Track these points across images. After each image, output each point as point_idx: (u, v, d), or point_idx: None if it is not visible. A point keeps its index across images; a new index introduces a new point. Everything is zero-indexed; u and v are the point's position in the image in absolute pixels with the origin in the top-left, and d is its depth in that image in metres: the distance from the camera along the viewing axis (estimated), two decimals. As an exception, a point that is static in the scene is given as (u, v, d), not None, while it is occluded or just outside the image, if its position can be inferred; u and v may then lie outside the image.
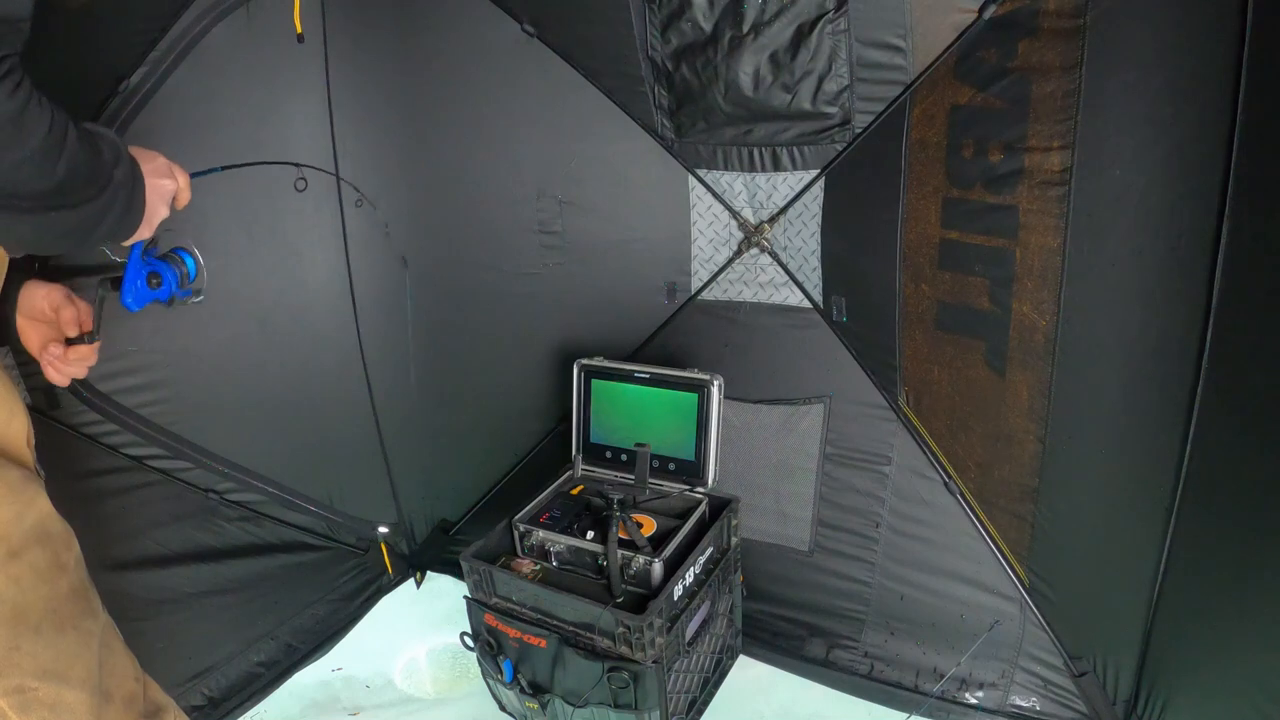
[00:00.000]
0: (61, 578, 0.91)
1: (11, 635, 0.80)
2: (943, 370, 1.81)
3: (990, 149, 1.57)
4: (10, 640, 0.80)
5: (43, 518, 0.92)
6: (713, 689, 1.87)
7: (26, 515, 0.88)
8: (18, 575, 0.84)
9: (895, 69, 1.67)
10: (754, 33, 1.74)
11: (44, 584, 0.88)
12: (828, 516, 2.03)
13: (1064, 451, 1.64)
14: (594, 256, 2.20)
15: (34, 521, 0.89)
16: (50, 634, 0.85)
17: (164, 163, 1.04)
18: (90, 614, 0.94)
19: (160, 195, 1.02)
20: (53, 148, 0.75)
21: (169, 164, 1.04)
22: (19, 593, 0.84)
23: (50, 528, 0.92)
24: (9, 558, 0.83)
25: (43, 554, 0.89)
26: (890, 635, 1.95)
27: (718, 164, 2.00)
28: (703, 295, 2.16)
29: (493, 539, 1.82)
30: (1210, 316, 1.29)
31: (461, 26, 2.05)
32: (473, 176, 2.20)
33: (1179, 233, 1.34)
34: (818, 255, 1.96)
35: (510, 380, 2.36)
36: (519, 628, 1.66)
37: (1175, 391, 1.38)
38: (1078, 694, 1.76)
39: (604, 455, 2.01)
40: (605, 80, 2.00)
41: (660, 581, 1.61)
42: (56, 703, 0.84)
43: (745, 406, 2.09)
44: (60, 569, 0.91)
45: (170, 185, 1.04)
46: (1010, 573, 1.82)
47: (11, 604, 0.82)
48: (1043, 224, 1.52)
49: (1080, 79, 1.40)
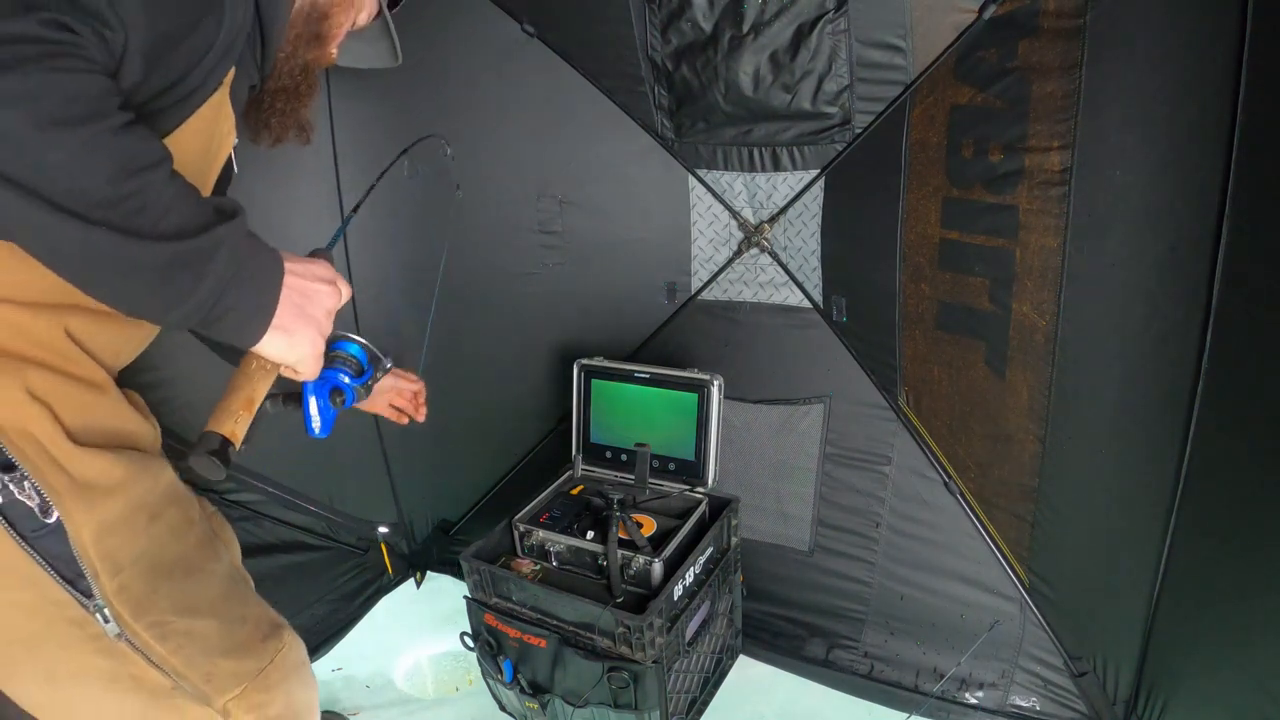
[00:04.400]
0: (190, 532, 1.08)
1: (151, 582, 0.98)
2: (943, 370, 1.81)
3: (990, 149, 1.57)
4: (149, 585, 0.98)
5: (172, 483, 1.07)
6: (713, 689, 1.87)
7: (159, 483, 1.03)
8: (158, 534, 1.01)
9: (895, 69, 1.67)
10: (754, 33, 1.74)
11: (177, 540, 1.04)
12: (828, 516, 2.03)
13: (1064, 451, 1.64)
14: (594, 256, 2.20)
15: (166, 487, 1.05)
16: (181, 578, 1.03)
17: (325, 269, 0.90)
18: (215, 558, 1.11)
19: (313, 303, 0.87)
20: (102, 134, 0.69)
21: (332, 270, 0.91)
22: (158, 549, 1.00)
23: (179, 491, 1.09)
24: (150, 520, 1.00)
25: (177, 513, 1.06)
26: (890, 635, 1.95)
27: (718, 164, 2.00)
28: (703, 295, 2.16)
29: (493, 539, 1.82)
30: (1210, 316, 1.29)
31: (461, 26, 2.05)
32: (472, 176, 2.20)
33: (1179, 233, 1.34)
34: (818, 255, 1.96)
35: (510, 380, 2.36)
36: (519, 628, 1.66)
37: (1175, 392, 1.38)
38: (1078, 694, 1.76)
39: (604, 455, 2.01)
40: (605, 80, 2.00)
41: (660, 581, 1.61)
42: (189, 631, 1.02)
43: (745, 406, 2.09)
44: (190, 524, 1.08)
45: (330, 293, 0.90)
46: (1010, 573, 1.82)
47: (150, 558, 0.99)
48: (1043, 224, 1.52)
49: (1080, 79, 1.40)
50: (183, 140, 0.91)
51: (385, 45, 1.29)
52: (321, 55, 1.14)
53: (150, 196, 0.72)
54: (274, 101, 1.10)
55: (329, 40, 1.14)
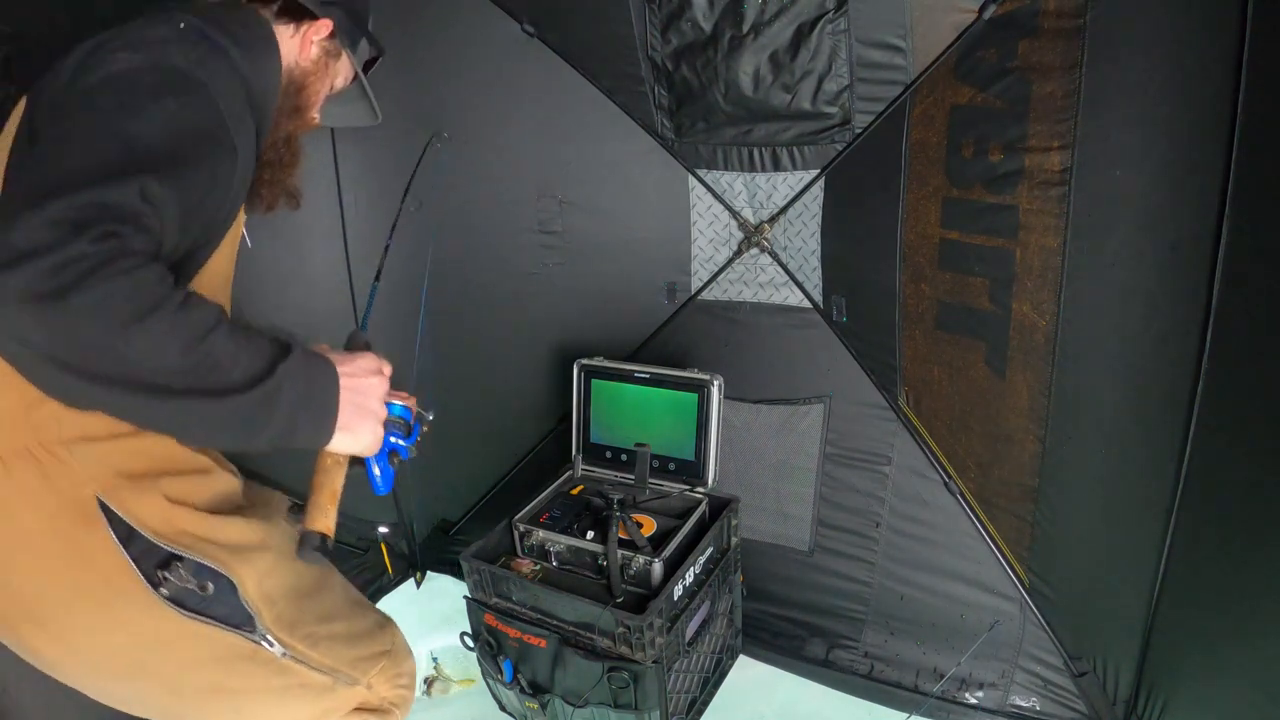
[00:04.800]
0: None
1: (297, 604, 1.19)
2: (943, 370, 1.81)
3: (990, 149, 1.57)
4: (297, 607, 1.19)
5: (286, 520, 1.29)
6: (713, 689, 1.87)
7: (280, 525, 1.22)
8: (294, 566, 1.20)
9: (895, 69, 1.67)
10: (754, 33, 1.74)
11: (311, 571, 1.24)
12: (828, 516, 2.03)
13: (1064, 451, 1.64)
14: (594, 256, 2.20)
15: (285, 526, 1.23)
16: (316, 594, 1.25)
17: (371, 362, 1.00)
18: (331, 570, 1.32)
19: (368, 397, 0.97)
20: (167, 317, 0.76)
21: (377, 360, 1.01)
22: (296, 577, 1.21)
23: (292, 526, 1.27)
24: (288, 558, 1.18)
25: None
26: (890, 635, 1.95)
27: (718, 164, 2.00)
28: (703, 295, 2.16)
29: (493, 539, 1.82)
30: (1210, 316, 1.29)
31: (461, 26, 2.05)
32: (472, 176, 2.20)
33: (1179, 233, 1.34)
34: (818, 255, 1.96)
35: (510, 380, 2.36)
36: (519, 628, 1.66)
37: (1175, 391, 1.38)
38: (1078, 694, 1.76)
39: (604, 455, 2.01)
40: (605, 80, 2.00)
41: (660, 581, 1.61)
42: (331, 634, 1.24)
43: (745, 406, 2.09)
44: None
45: (380, 383, 1.00)
46: (1010, 573, 1.82)
47: (293, 586, 1.19)
48: (1043, 224, 1.52)
49: (1080, 79, 1.40)
50: (216, 263, 1.05)
51: (364, 105, 1.41)
52: (302, 124, 1.24)
53: (218, 355, 0.79)
54: (262, 174, 1.16)
55: (308, 109, 1.25)
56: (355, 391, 0.95)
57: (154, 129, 0.84)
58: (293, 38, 1.20)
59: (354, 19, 1.28)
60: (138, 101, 0.85)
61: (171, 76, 0.90)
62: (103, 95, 0.86)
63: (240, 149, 0.97)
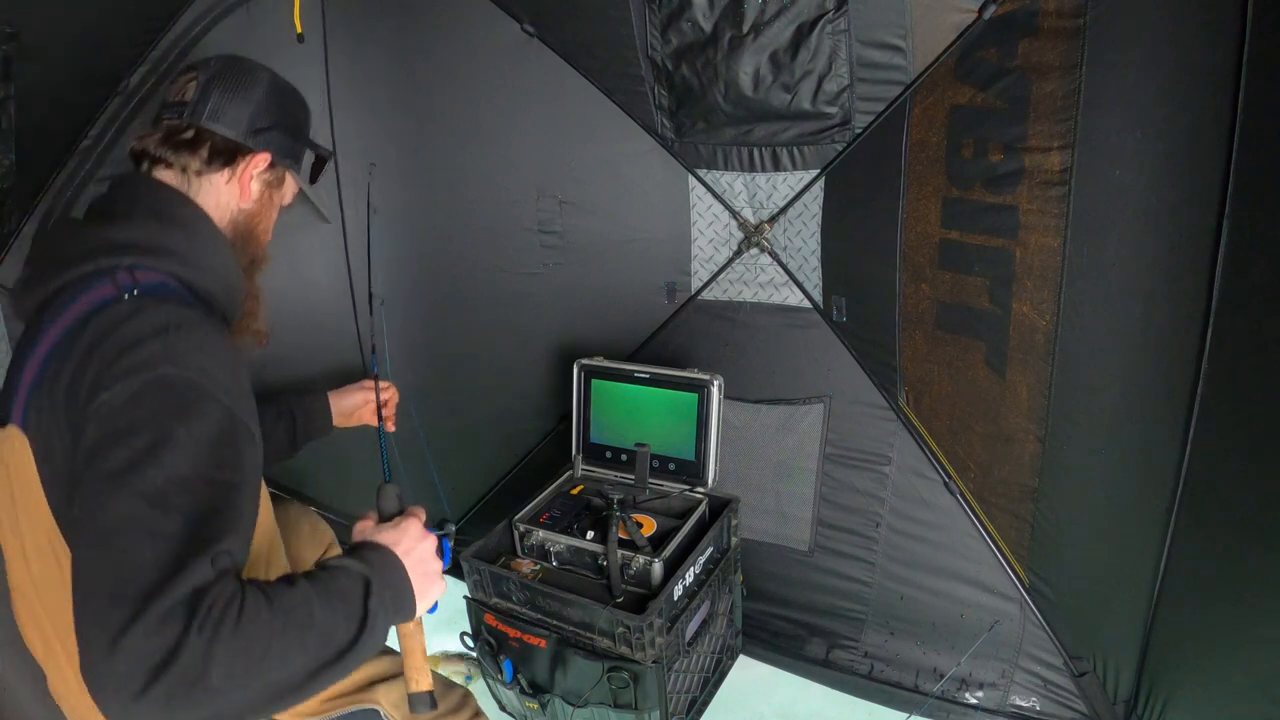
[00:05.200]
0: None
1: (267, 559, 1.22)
2: (943, 370, 1.81)
3: (990, 149, 1.56)
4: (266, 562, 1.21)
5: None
6: (713, 689, 1.87)
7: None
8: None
9: (895, 69, 1.67)
10: (754, 33, 1.74)
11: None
12: (828, 516, 2.03)
13: (1064, 452, 1.64)
14: (594, 256, 2.20)
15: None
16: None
17: (415, 525, 1.07)
18: None
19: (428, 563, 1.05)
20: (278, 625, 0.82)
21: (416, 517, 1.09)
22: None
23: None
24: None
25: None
26: (890, 635, 1.95)
27: (718, 164, 2.00)
28: (703, 295, 2.16)
29: (493, 539, 1.82)
30: (1210, 316, 1.29)
31: (461, 26, 2.05)
32: (472, 176, 2.20)
33: (1179, 233, 1.34)
34: (818, 255, 1.96)
35: (510, 380, 2.36)
36: (519, 628, 1.66)
37: (1175, 392, 1.38)
38: (1078, 694, 1.76)
39: (604, 455, 2.01)
40: (605, 80, 2.00)
41: (660, 581, 1.61)
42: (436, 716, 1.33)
43: (745, 406, 2.09)
44: None
45: (430, 544, 1.07)
46: (1010, 573, 1.82)
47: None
48: (1043, 224, 1.52)
49: (1080, 79, 1.40)
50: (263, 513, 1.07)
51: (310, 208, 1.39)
52: (260, 265, 1.23)
53: (323, 626, 0.86)
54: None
55: (261, 249, 1.22)
56: (419, 566, 1.03)
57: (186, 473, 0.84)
58: (229, 183, 1.14)
59: (292, 133, 1.21)
60: (160, 456, 0.83)
61: (172, 399, 0.87)
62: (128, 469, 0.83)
63: (251, 423, 0.96)
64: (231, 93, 1.13)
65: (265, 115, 1.16)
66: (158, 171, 1.12)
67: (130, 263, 0.98)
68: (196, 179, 1.12)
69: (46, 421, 0.91)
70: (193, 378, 0.89)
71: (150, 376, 0.87)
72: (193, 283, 1.04)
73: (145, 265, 1.00)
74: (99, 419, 0.86)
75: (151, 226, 1.04)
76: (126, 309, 0.92)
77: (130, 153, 1.14)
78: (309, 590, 0.87)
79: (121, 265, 0.98)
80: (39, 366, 0.93)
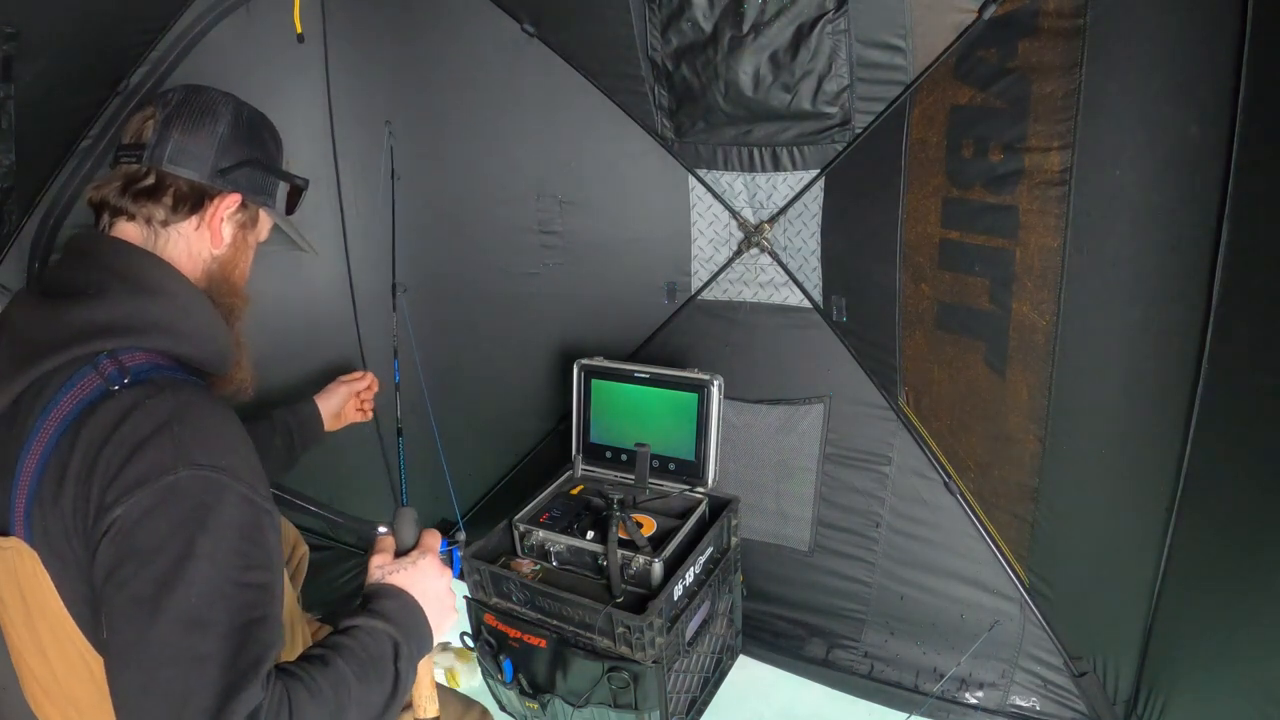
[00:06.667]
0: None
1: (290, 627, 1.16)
2: (943, 370, 1.81)
3: (990, 149, 1.57)
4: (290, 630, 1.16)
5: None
6: (713, 689, 1.87)
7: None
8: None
9: (895, 69, 1.67)
10: (754, 33, 1.74)
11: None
12: (828, 516, 2.03)
13: (1064, 451, 1.64)
14: (594, 256, 2.19)
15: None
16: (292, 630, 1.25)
17: (432, 562, 1.08)
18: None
19: (443, 599, 1.07)
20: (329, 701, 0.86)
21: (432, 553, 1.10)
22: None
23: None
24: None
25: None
26: (890, 635, 1.95)
27: (718, 164, 2.00)
28: (703, 295, 2.15)
29: (493, 539, 1.82)
30: (1210, 316, 1.29)
31: (461, 26, 2.05)
32: (473, 176, 2.20)
33: (1179, 233, 1.34)
34: (818, 255, 1.96)
35: (510, 380, 2.36)
36: (519, 628, 1.66)
37: (1175, 392, 1.38)
38: (1078, 694, 1.76)
39: (604, 455, 2.01)
40: (605, 80, 2.00)
41: (660, 581, 1.61)
42: None
43: (745, 406, 2.09)
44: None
45: (443, 576, 1.08)
46: (1010, 573, 1.82)
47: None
48: (1043, 224, 1.52)
49: (1080, 79, 1.40)
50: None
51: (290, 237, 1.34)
52: (236, 316, 1.13)
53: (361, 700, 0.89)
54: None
55: (241, 293, 1.14)
56: (435, 604, 1.05)
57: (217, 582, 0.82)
58: (198, 230, 1.05)
59: (263, 166, 1.11)
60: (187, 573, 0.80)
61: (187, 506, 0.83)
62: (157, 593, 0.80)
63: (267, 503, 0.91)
64: (193, 130, 1.03)
65: (231, 152, 1.06)
66: (119, 225, 1.02)
67: (112, 347, 0.90)
68: (163, 230, 1.02)
69: (56, 540, 0.85)
70: (205, 474, 0.84)
71: (161, 486, 0.82)
72: (181, 355, 0.97)
73: (128, 347, 0.92)
74: (114, 538, 0.81)
75: (127, 302, 0.95)
76: (119, 406, 0.86)
77: (89, 203, 1.05)
78: (344, 669, 0.89)
79: (104, 351, 0.90)
80: (35, 477, 0.86)
